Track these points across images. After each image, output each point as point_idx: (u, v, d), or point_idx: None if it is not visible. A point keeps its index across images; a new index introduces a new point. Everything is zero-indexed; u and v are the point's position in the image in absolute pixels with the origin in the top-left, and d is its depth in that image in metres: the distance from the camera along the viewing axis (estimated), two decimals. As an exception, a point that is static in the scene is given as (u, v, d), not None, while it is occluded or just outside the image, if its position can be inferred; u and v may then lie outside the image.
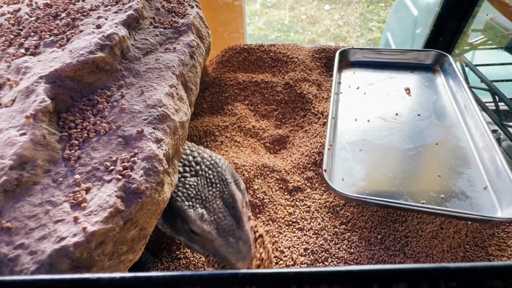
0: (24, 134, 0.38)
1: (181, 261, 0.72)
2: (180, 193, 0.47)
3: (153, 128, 0.43)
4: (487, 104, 1.06)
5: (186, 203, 0.46)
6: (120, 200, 0.36)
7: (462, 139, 0.81)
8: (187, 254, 0.72)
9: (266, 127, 1.00)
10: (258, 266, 0.49)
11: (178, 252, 0.73)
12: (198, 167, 0.50)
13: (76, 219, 0.34)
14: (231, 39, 1.22)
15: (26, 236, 0.33)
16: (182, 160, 0.50)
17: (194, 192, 0.47)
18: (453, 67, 0.99)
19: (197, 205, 0.46)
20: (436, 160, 0.76)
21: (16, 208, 0.35)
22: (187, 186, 0.48)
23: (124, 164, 0.39)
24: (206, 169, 0.50)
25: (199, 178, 0.49)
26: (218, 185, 0.49)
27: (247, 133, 0.98)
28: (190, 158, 0.52)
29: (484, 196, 0.67)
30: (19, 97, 0.42)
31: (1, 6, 0.62)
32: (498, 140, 1.07)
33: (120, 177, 0.38)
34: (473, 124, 0.82)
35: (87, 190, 0.37)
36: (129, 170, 0.38)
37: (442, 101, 0.94)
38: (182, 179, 0.48)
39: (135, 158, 0.39)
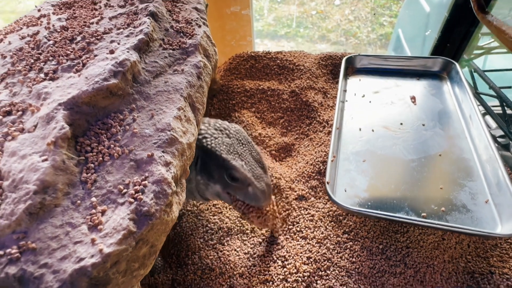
0: (46, 160, 0.42)
1: (189, 266, 0.75)
2: (223, 148, 0.61)
3: (163, 152, 0.46)
4: (496, 111, 1.06)
5: (230, 155, 0.60)
6: (132, 222, 0.40)
7: (466, 150, 0.81)
8: (195, 260, 0.76)
9: (272, 134, 1.02)
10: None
11: (187, 258, 0.77)
12: (227, 132, 0.65)
13: (93, 241, 0.38)
14: (238, 46, 1.25)
15: (49, 256, 0.37)
16: (216, 127, 0.65)
17: (232, 148, 0.62)
18: (460, 75, 0.99)
19: (237, 158, 0.61)
20: (438, 172, 0.77)
21: (40, 230, 0.39)
22: (226, 144, 0.62)
23: (136, 187, 0.42)
24: (234, 133, 0.65)
25: (231, 139, 0.64)
26: (246, 145, 0.64)
27: (254, 140, 1.01)
28: (218, 125, 0.66)
29: (485, 210, 0.69)
30: (40, 123, 0.46)
31: (21, 28, 0.66)
32: (507, 146, 1.06)
33: (132, 200, 0.41)
34: (477, 135, 0.82)
35: (103, 213, 0.41)
36: (140, 193, 0.42)
37: (447, 110, 0.94)
38: (220, 138, 0.63)
39: (146, 182, 0.43)
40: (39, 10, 0.73)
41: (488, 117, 1.11)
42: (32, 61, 0.56)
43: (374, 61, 1.13)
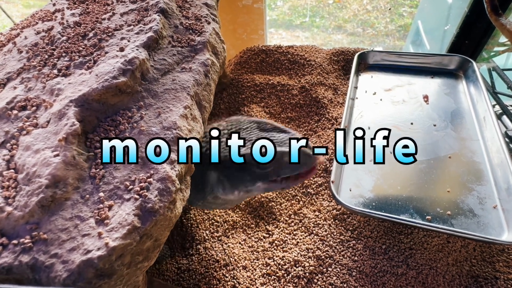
0: (57, 155, 0.44)
1: (194, 257, 0.78)
2: (241, 151, 0.52)
3: (168, 150, 0.47)
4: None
5: (249, 150, 0.52)
6: (137, 218, 0.41)
7: (477, 153, 0.80)
8: (200, 250, 0.78)
9: (281, 130, 1.02)
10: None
11: (192, 249, 0.79)
12: (229, 131, 0.57)
13: (100, 235, 0.40)
14: (250, 40, 1.24)
15: (59, 246, 0.39)
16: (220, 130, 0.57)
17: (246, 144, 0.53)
18: (476, 74, 0.96)
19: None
20: (447, 175, 0.76)
21: (51, 221, 0.41)
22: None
23: (141, 184, 0.44)
24: (234, 127, 0.57)
25: (238, 134, 0.56)
26: (250, 127, 0.57)
27: (262, 136, 1.02)
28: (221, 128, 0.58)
29: (493, 215, 0.67)
30: (53, 119, 0.48)
31: (37, 23, 0.68)
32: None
33: (137, 196, 0.43)
34: (490, 138, 0.80)
35: (110, 207, 0.43)
36: (145, 190, 0.43)
37: (461, 111, 0.92)
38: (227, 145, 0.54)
39: (151, 179, 0.44)
40: (54, 5, 0.75)
41: (505, 117, 1.08)
42: (47, 56, 0.58)
43: (388, 57, 1.11)
